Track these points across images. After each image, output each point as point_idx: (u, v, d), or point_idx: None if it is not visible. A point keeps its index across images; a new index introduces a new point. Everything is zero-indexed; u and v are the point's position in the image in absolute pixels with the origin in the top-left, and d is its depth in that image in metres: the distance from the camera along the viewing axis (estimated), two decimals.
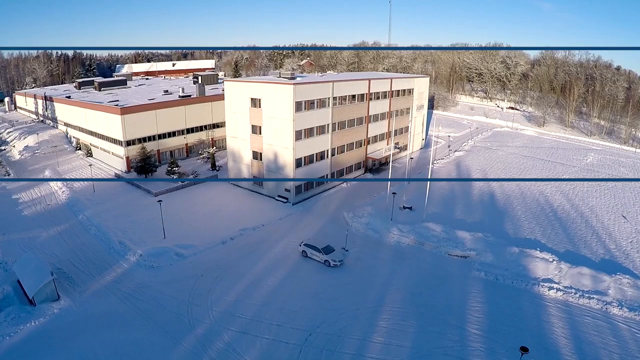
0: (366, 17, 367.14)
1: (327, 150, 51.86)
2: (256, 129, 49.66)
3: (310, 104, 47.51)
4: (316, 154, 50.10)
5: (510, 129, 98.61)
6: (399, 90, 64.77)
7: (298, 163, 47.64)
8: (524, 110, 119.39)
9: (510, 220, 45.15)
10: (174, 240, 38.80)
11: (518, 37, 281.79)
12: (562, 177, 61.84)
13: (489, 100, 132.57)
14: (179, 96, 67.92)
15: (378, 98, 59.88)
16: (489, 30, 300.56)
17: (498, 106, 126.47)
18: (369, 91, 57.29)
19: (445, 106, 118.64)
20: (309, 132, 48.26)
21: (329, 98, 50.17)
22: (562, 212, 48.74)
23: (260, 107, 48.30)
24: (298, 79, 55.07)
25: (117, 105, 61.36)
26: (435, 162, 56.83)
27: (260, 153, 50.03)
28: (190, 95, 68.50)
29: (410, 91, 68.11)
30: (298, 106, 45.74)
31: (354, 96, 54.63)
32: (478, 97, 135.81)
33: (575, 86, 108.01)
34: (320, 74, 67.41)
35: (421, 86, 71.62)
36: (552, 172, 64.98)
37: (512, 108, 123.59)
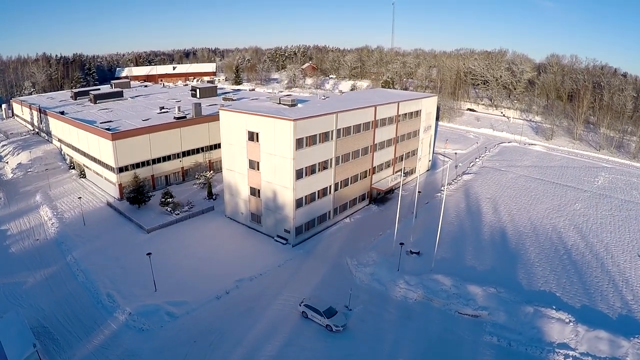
0: (369, 20, 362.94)
1: (330, 186, 48.88)
2: (254, 164, 46.70)
3: (312, 140, 44.41)
4: (318, 191, 47.15)
5: (518, 144, 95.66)
6: (406, 114, 61.62)
7: (299, 203, 44.71)
8: (530, 120, 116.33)
9: (524, 267, 42.60)
10: (166, 294, 36.43)
11: (522, 39, 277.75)
12: (575, 207, 59.33)
13: (494, 107, 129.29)
14: (174, 117, 64.82)
15: (384, 124, 56.66)
16: (491, 32, 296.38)
17: (504, 115, 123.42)
18: (374, 118, 54.10)
19: (450, 117, 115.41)
20: (311, 170, 45.26)
21: (332, 131, 47.16)
22: (576, 253, 46.26)
23: (257, 141, 45.34)
24: (299, 105, 52.19)
25: (109, 128, 58.67)
26: (443, 188, 54.33)
27: (259, 190, 47.14)
28: (185, 117, 65.46)
29: (417, 113, 64.88)
30: (299, 143, 42.66)
31: (359, 125, 51.43)
32: (483, 104, 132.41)
33: (584, 97, 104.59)
34: (323, 96, 63.98)
35: (429, 106, 68.35)
36: (564, 199, 62.35)
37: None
